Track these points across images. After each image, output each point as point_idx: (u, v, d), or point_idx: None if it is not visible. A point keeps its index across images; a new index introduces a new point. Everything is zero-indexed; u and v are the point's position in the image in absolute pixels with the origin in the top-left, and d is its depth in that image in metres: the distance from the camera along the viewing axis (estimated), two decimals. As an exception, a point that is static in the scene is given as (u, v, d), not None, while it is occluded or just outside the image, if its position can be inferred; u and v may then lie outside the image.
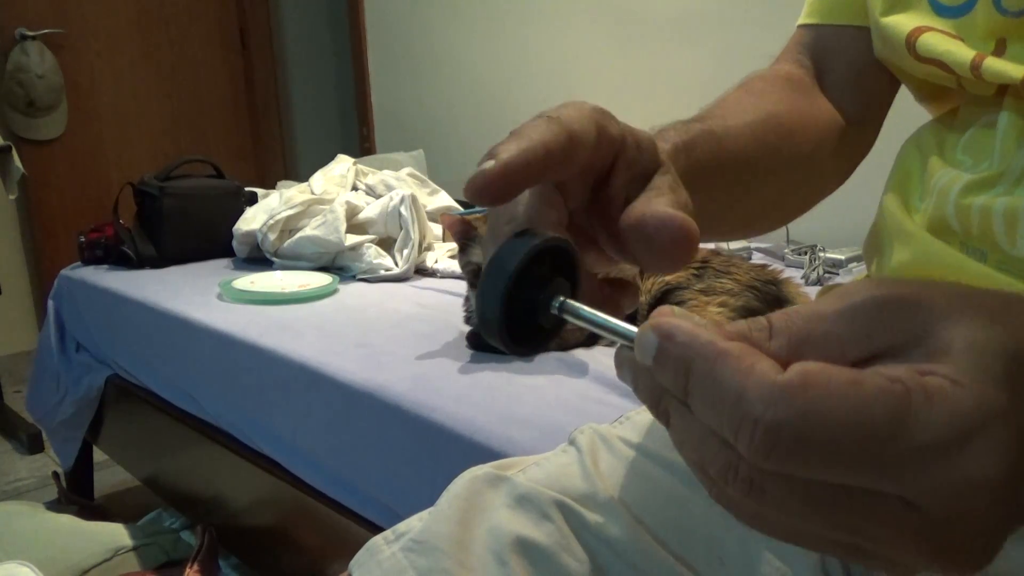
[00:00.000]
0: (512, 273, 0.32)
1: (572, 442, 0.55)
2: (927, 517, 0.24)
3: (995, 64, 0.48)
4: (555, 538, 0.47)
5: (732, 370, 0.25)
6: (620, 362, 0.30)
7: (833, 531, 0.26)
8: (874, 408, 0.23)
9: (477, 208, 2.00)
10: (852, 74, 0.61)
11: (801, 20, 0.65)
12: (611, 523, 0.48)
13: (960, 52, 0.50)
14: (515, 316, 0.33)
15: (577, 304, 0.33)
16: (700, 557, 0.48)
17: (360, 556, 0.50)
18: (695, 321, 0.27)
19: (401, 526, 0.50)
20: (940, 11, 0.52)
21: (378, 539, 0.50)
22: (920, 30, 0.52)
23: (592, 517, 0.48)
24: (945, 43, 0.51)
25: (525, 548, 0.46)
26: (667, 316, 0.27)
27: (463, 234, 0.98)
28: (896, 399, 0.23)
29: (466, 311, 1.12)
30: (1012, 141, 0.49)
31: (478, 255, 0.94)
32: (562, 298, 0.33)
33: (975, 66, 0.49)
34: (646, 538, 0.47)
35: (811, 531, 0.26)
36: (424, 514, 0.50)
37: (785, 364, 0.25)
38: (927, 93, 0.60)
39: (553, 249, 0.34)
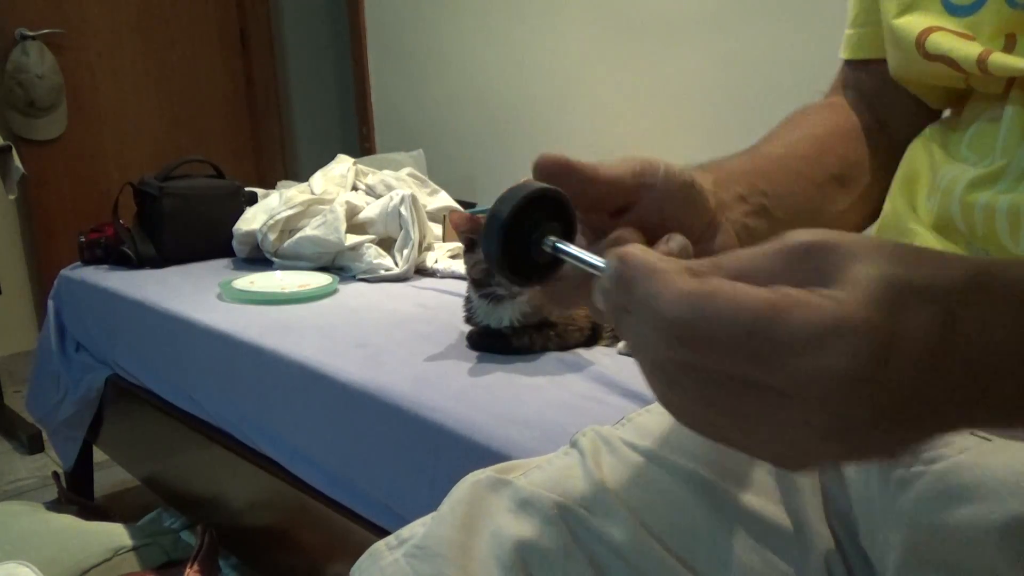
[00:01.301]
0: (508, 213, 0.38)
1: (574, 444, 0.55)
2: (796, 405, 0.29)
3: (1001, 58, 0.48)
4: (558, 542, 0.47)
5: (657, 282, 0.30)
6: (595, 289, 0.34)
7: (728, 418, 0.31)
8: (753, 310, 0.28)
9: (481, 208, 2.00)
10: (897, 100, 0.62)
11: (844, 55, 0.66)
12: (614, 526, 0.48)
13: (967, 48, 0.50)
14: (513, 252, 0.39)
15: (562, 243, 0.39)
16: (703, 560, 0.48)
17: (362, 562, 0.50)
18: (654, 253, 0.33)
19: (404, 532, 0.50)
20: (952, 10, 0.53)
21: (380, 545, 0.50)
22: (930, 30, 0.52)
23: (595, 520, 0.48)
24: (952, 41, 0.51)
25: (528, 553, 0.46)
26: (627, 246, 0.33)
27: (472, 231, 0.98)
28: (770, 305, 0.28)
29: (467, 311, 1.12)
30: (1016, 135, 0.49)
31: None
32: (553, 238, 0.39)
33: (981, 60, 0.49)
34: (649, 541, 0.47)
35: (713, 420, 0.32)
36: (427, 519, 0.50)
37: None
38: (941, 101, 0.60)
39: (548, 198, 0.39)
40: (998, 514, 0.40)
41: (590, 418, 0.85)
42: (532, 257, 0.39)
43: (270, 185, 2.34)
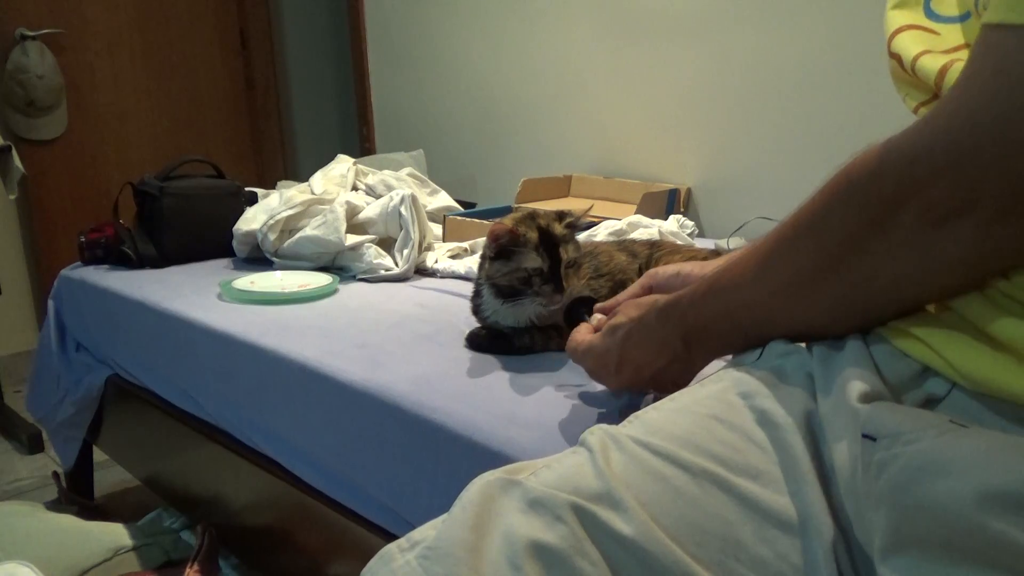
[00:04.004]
0: (567, 304, 0.99)
1: (582, 443, 0.55)
2: (593, 363, 0.80)
3: (928, 60, 0.49)
4: (569, 541, 0.47)
5: (570, 339, 0.84)
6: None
7: (592, 367, 0.81)
8: (579, 343, 0.82)
9: (482, 207, 2.00)
10: None
11: None
12: (625, 522, 0.48)
13: (911, 48, 0.51)
14: (571, 321, 0.96)
15: (585, 321, 0.89)
16: (715, 555, 0.48)
17: (373, 564, 0.50)
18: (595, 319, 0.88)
19: (415, 534, 0.50)
20: (931, 16, 0.53)
21: (392, 547, 0.50)
22: (903, 28, 0.53)
23: (606, 516, 0.48)
24: (908, 40, 0.52)
25: (539, 552, 0.46)
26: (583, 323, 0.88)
27: (512, 242, 0.99)
28: (583, 338, 0.82)
29: (474, 304, 1.11)
30: None
31: (531, 260, 0.97)
32: (585, 313, 0.92)
33: (915, 59, 0.50)
34: (660, 536, 0.48)
35: (594, 370, 0.81)
36: (437, 522, 0.51)
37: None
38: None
39: (588, 299, 0.98)
40: (973, 486, 0.41)
41: (590, 418, 0.85)
42: (577, 318, 0.93)
43: (270, 185, 2.34)
